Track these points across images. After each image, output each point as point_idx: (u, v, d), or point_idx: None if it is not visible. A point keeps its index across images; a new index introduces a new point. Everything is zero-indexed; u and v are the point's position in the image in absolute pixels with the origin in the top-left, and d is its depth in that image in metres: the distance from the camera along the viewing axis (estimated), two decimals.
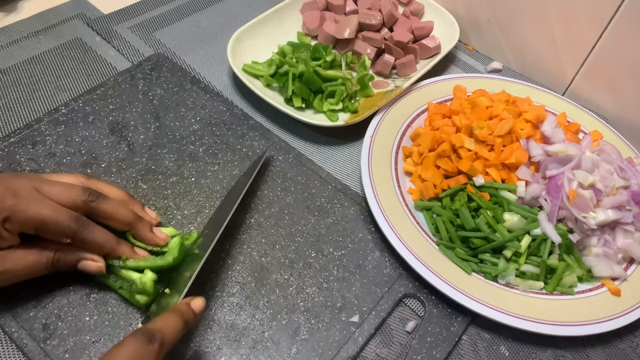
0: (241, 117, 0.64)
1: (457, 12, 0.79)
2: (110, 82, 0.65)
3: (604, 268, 0.52)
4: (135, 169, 0.57)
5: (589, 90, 0.72)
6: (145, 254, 0.47)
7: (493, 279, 0.51)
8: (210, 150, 0.60)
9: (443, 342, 0.47)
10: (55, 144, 0.58)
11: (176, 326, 0.38)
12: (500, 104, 0.62)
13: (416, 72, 0.70)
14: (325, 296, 0.49)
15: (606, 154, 0.58)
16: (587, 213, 0.52)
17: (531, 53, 0.75)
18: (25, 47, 0.70)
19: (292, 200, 0.57)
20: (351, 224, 0.55)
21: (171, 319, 0.38)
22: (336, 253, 0.53)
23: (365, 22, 0.73)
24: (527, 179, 0.56)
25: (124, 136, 0.60)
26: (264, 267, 0.51)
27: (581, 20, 0.66)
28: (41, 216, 0.40)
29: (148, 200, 0.54)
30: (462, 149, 0.57)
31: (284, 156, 0.61)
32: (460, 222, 0.53)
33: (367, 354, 0.47)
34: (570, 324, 0.48)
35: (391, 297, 0.50)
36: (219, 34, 0.76)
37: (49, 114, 0.60)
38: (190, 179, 0.57)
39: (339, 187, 0.58)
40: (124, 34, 0.74)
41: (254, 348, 0.45)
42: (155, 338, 0.35)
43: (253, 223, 0.54)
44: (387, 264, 0.52)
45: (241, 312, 0.47)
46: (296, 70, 0.64)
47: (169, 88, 0.66)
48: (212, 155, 0.59)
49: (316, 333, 0.47)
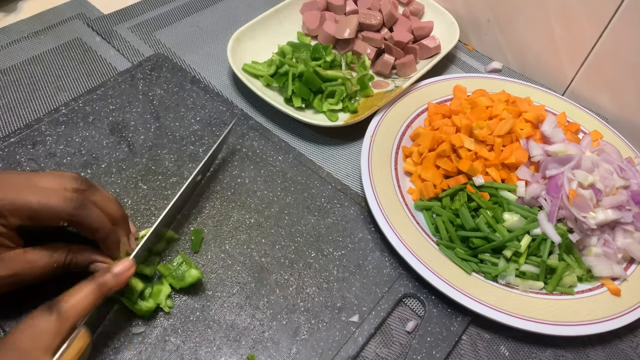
0: (241, 117, 0.64)
1: (457, 12, 0.79)
2: (110, 82, 0.65)
3: (604, 268, 0.52)
4: (135, 169, 0.57)
5: (589, 90, 0.72)
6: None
7: (493, 279, 0.51)
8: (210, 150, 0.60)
9: (443, 341, 0.47)
10: (56, 144, 0.58)
11: (84, 294, 0.38)
12: (500, 104, 0.62)
13: (416, 72, 0.70)
14: (325, 296, 0.49)
15: (606, 154, 0.58)
16: (587, 213, 0.52)
17: (531, 53, 0.75)
18: (25, 47, 0.70)
19: (292, 200, 0.57)
20: (351, 224, 0.55)
21: (77, 289, 0.39)
22: (336, 253, 0.53)
23: (365, 22, 0.73)
24: (527, 178, 0.56)
25: (124, 136, 0.60)
26: (264, 267, 0.51)
27: (581, 20, 0.66)
28: (30, 203, 0.39)
29: (148, 200, 0.54)
30: (462, 149, 0.57)
31: (283, 156, 0.61)
32: (460, 222, 0.53)
33: (367, 354, 0.47)
34: (570, 324, 0.48)
35: (391, 297, 0.50)
36: (219, 34, 0.76)
37: (49, 114, 0.61)
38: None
39: (339, 187, 0.58)
40: (124, 34, 0.74)
41: (254, 348, 0.45)
42: (53, 308, 0.36)
43: (253, 223, 0.54)
44: (387, 264, 0.52)
45: (241, 312, 0.47)
46: (296, 70, 0.64)
47: (169, 88, 0.66)
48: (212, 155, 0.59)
49: (316, 333, 0.47)
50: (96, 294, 0.39)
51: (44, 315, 0.36)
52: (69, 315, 0.37)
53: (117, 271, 0.41)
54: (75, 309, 0.37)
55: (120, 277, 0.41)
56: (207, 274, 0.49)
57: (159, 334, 0.45)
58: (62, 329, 0.36)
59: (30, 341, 0.35)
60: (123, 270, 0.41)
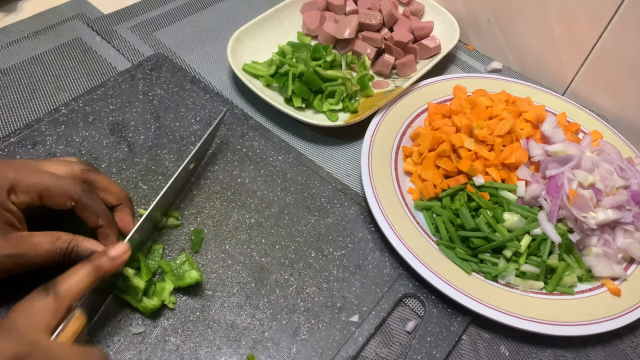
0: (241, 117, 0.64)
1: (457, 12, 0.79)
2: (110, 82, 0.65)
3: (604, 268, 0.52)
4: (135, 169, 0.57)
5: (589, 90, 0.72)
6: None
7: (493, 278, 0.51)
8: (210, 150, 0.60)
9: (443, 342, 0.47)
10: (56, 144, 0.58)
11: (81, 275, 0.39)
12: (500, 104, 0.62)
13: (416, 72, 0.70)
14: (325, 296, 0.49)
15: (606, 154, 0.58)
16: (587, 213, 0.52)
17: (531, 53, 0.75)
18: (25, 47, 0.70)
19: (292, 200, 0.56)
20: (351, 224, 0.55)
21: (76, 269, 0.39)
22: (336, 253, 0.53)
23: (365, 22, 0.73)
24: (527, 178, 0.56)
25: (124, 136, 0.60)
26: (264, 267, 0.51)
27: (581, 20, 0.66)
28: (43, 181, 0.42)
29: (148, 200, 0.54)
30: (462, 148, 0.57)
31: (284, 156, 0.61)
32: (460, 222, 0.53)
33: (367, 354, 0.47)
34: (570, 324, 0.48)
35: (391, 297, 0.50)
36: (219, 34, 0.76)
37: (49, 114, 0.60)
38: (190, 179, 0.57)
39: (339, 187, 0.58)
40: (124, 34, 0.74)
41: (254, 348, 0.45)
42: (50, 289, 0.37)
43: (253, 223, 0.54)
44: (387, 264, 0.52)
45: (241, 312, 0.47)
46: (296, 70, 0.64)
47: (169, 88, 0.66)
48: (212, 155, 0.59)
49: (316, 333, 0.47)
50: (92, 276, 0.40)
51: (42, 296, 0.37)
52: (65, 296, 0.37)
53: (113, 254, 0.42)
54: (72, 290, 0.38)
55: (116, 261, 0.42)
56: (207, 273, 0.49)
57: (159, 334, 0.45)
58: (59, 309, 0.37)
59: (29, 321, 0.35)
60: (119, 253, 0.42)
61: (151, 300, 0.45)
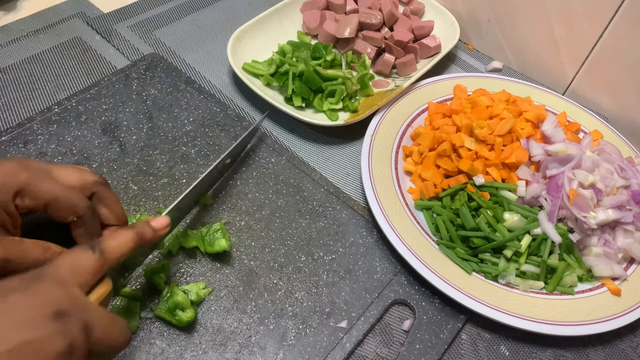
0: (235, 119, 0.63)
1: (457, 11, 0.79)
2: (104, 81, 0.65)
3: (604, 268, 0.52)
4: (126, 169, 0.56)
5: (589, 90, 0.72)
6: None
7: (493, 278, 0.51)
8: (203, 152, 0.59)
9: (432, 349, 0.47)
10: (47, 143, 0.57)
11: (125, 239, 0.39)
12: (500, 104, 0.62)
13: (416, 71, 0.70)
14: (314, 301, 0.49)
15: (606, 154, 0.58)
16: (588, 213, 0.52)
17: (531, 53, 0.75)
18: (25, 46, 0.70)
19: (284, 203, 0.56)
20: (343, 228, 0.55)
21: (121, 232, 0.39)
22: (326, 257, 0.52)
23: (366, 22, 0.73)
24: (527, 178, 0.56)
25: (116, 136, 0.59)
26: (253, 271, 0.50)
27: (581, 20, 0.66)
28: (55, 191, 0.41)
29: (138, 201, 0.54)
30: (463, 148, 0.57)
31: (276, 158, 0.60)
32: (460, 222, 0.53)
33: (367, 354, 0.47)
34: (571, 323, 0.48)
35: (380, 303, 0.49)
36: (219, 33, 0.76)
37: (41, 113, 0.60)
38: (182, 180, 0.56)
39: (331, 190, 0.58)
40: (123, 33, 0.74)
41: (240, 353, 0.45)
42: (95, 247, 0.37)
43: (243, 226, 0.53)
44: (377, 269, 0.52)
45: (228, 316, 0.47)
46: (296, 69, 0.64)
47: (163, 88, 0.65)
48: (204, 157, 0.59)
49: (303, 338, 0.46)
50: (134, 243, 0.39)
51: (87, 252, 0.36)
52: (109, 257, 0.37)
53: (156, 225, 0.41)
54: (116, 252, 0.38)
55: (157, 232, 0.41)
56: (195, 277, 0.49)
57: (144, 336, 0.45)
58: (101, 268, 0.36)
59: (71, 274, 0.35)
60: (161, 226, 0.42)
61: (185, 313, 0.45)
